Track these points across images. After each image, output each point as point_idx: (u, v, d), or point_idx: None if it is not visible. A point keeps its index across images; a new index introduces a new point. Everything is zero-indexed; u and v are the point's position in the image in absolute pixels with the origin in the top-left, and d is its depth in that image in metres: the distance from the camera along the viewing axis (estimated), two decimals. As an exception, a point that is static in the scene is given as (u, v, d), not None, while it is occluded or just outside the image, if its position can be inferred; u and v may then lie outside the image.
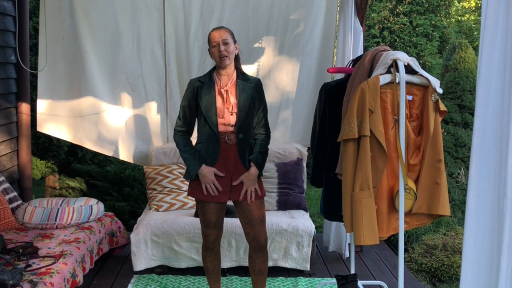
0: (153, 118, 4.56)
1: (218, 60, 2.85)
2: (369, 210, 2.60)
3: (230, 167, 2.89)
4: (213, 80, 2.91)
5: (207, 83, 2.90)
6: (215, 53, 2.85)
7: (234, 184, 2.88)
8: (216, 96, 2.87)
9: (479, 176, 1.88)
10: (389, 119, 2.69)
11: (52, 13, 4.22)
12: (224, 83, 2.90)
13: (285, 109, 4.57)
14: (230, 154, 2.88)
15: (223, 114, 2.86)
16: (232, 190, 2.91)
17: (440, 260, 4.36)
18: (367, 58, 2.85)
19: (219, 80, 2.91)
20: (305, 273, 3.85)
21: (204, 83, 2.91)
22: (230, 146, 2.88)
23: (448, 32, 10.11)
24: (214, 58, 2.87)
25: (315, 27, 4.40)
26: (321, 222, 5.53)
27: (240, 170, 2.90)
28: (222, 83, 2.90)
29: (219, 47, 2.82)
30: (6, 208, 3.53)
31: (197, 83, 2.91)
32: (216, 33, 2.85)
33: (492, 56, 1.83)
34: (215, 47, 2.84)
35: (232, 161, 2.89)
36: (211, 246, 3.03)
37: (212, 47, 2.85)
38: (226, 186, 2.90)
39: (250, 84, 2.92)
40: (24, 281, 2.69)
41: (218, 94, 2.88)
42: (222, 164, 2.88)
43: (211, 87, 2.89)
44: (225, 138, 2.87)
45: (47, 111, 4.35)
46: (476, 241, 1.90)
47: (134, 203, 5.85)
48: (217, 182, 2.85)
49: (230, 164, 2.89)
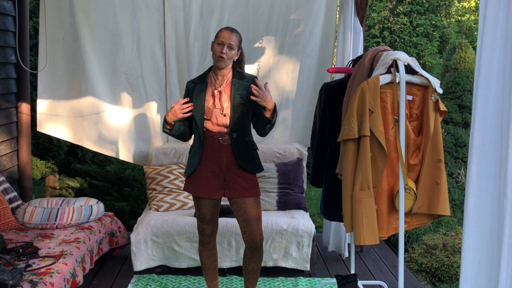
0: (153, 118, 4.56)
1: (216, 59, 2.86)
2: (369, 210, 2.60)
3: (223, 166, 2.91)
4: (206, 81, 2.93)
5: (200, 84, 2.93)
6: (217, 50, 2.85)
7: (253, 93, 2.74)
8: (207, 97, 2.89)
9: (479, 176, 1.88)
10: (389, 119, 2.69)
11: (52, 13, 4.22)
12: (219, 83, 2.91)
13: (285, 109, 4.57)
14: (222, 154, 2.90)
15: (211, 115, 2.87)
16: (226, 188, 2.93)
17: (440, 260, 4.36)
18: (367, 58, 2.85)
19: (214, 80, 2.93)
20: (305, 273, 3.85)
21: (197, 84, 2.93)
22: (223, 146, 2.90)
23: (448, 32, 10.11)
24: (213, 55, 2.88)
25: (315, 27, 4.40)
26: (321, 222, 5.53)
27: (233, 169, 2.92)
28: (217, 83, 2.92)
29: (222, 48, 2.82)
30: (6, 208, 3.53)
31: (191, 85, 2.95)
32: (227, 33, 2.84)
33: (492, 56, 1.83)
34: (220, 45, 2.84)
35: (224, 160, 2.91)
36: (207, 240, 3.07)
37: (217, 44, 2.85)
38: (219, 183, 2.93)
39: (246, 83, 2.91)
40: (24, 281, 2.69)
41: (210, 95, 2.90)
42: (214, 162, 2.91)
43: (203, 88, 2.91)
44: (219, 139, 2.89)
45: (47, 111, 4.35)
46: (476, 241, 1.90)
47: (134, 203, 5.85)
48: (181, 106, 2.78)
49: (223, 164, 2.91)
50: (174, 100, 4.52)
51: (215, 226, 3.06)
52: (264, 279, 3.73)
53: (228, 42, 2.82)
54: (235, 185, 2.92)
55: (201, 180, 2.92)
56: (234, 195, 2.92)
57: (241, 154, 2.92)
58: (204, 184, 2.92)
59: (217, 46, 2.85)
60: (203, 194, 2.92)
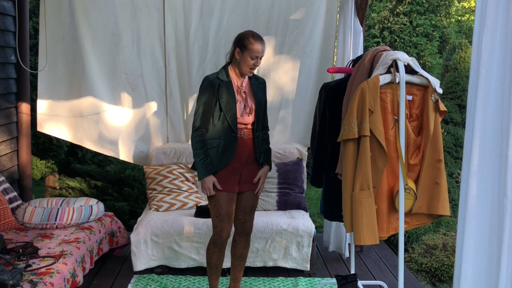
0: (153, 118, 4.56)
1: (247, 70, 2.96)
2: (369, 210, 2.60)
3: (244, 160, 3.05)
4: (230, 78, 3.01)
5: (226, 81, 2.99)
6: (249, 63, 2.93)
7: (254, 182, 3.12)
8: (236, 95, 2.98)
9: (479, 176, 1.88)
10: (389, 119, 2.69)
11: (52, 13, 4.22)
12: (240, 83, 3.02)
13: (285, 109, 4.57)
14: (245, 148, 3.05)
15: (241, 113, 2.99)
16: (241, 182, 3.08)
17: (440, 260, 4.36)
18: (367, 58, 2.85)
19: (235, 79, 3.02)
20: (305, 273, 3.85)
21: (223, 81, 2.98)
22: (245, 141, 3.03)
23: (448, 32, 10.11)
24: (245, 65, 2.94)
25: (315, 27, 4.40)
26: (321, 222, 5.53)
27: (251, 163, 3.09)
28: (238, 82, 3.02)
29: (257, 61, 2.94)
30: (6, 208, 3.53)
31: (217, 81, 2.98)
32: (261, 46, 2.93)
33: (492, 56, 1.83)
34: (254, 60, 2.92)
35: (246, 155, 3.05)
36: (222, 242, 3.10)
37: (250, 58, 2.91)
38: (236, 178, 3.06)
39: (260, 85, 3.12)
40: (24, 281, 2.69)
41: (237, 94, 2.99)
42: (237, 158, 3.03)
43: (230, 86, 2.99)
44: (242, 133, 3.02)
45: (47, 111, 4.35)
46: (476, 241, 1.90)
47: (134, 203, 5.85)
48: (213, 189, 2.98)
49: (244, 158, 3.05)
50: (174, 100, 4.52)
51: (231, 225, 3.11)
52: (264, 279, 3.73)
53: (261, 55, 2.94)
54: (247, 178, 3.09)
55: (224, 175, 3.01)
56: (244, 188, 3.10)
57: (258, 148, 3.09)
58: (227, 180, 3.02)
59: (251, 60, 2.92)
60: (225, 188, 3.01)
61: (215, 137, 2.98)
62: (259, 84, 3.11)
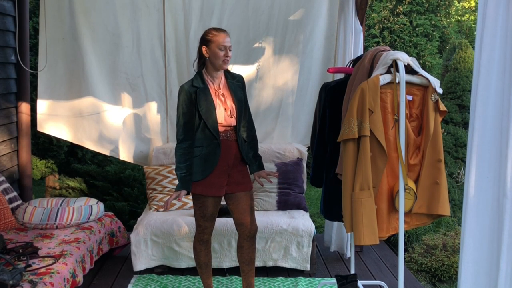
0: (153, 118, 4.56)
1: (221, 63, 2.90)
2: (369, 210, 2.60)
3: (230, 162, 3.01)
4: (206, 84, 2.95)
5: (202, 88, 2.93)
6: (219, 55, 2.88)
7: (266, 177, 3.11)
8: (215, 100, 2.93)
9: (479, 176, 1.88)
10: (389, 119, 2.69)
11: (52, 13, 4.22)
12: (216, 86, 2.98)
13: (285, 109, 4.56)
14: (231, 150, 3.00)
15: (222, 118, 2.94)
16: (231, 184, 3.02)
17: (440, 260, 4.36)
18: (367, 58, 2.85)
19: (212, 83, 2.98)
20: (305, 273, 3.85)
21: (199, 88, 2.93)
22: (230, 143, 3.00)
23: (448, 32, 10.11)
24: (216, 59, 2.90)
25: (315, 27, 4.40)
26: (321, 222, 5.53)
27: (238, 164, 3.05)
28: (215, 85, 2.98)
29: (226, 51, 2.89)
30: (6, 208, 3.53)
31: (192, 89, 2.93)
32: (226, 36, 2.90)
33: (492, 56, 1.83)
34: (223, 50, 2.88)
35: (233, 157, 3.01)
36: (207, 238, 3.12)
37: (219, 49, 2.88)
38: (225, 180, 3.02)
39: (238, 83, 3.07)
40: (24, 281, 2.69)
41: (215, 98, 2.94)
42: (224, 161, 2.98)
43: (207, 91, 2.93)
44: (227, 135, 2.98)
45: (47, 111, 4.35)
46: (475, 241, 1.90)
47: (134, 203, 5.85)
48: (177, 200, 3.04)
49: (231, 160, 3.01)
50: (174, 100, 4.51)
51: (214, 223, 3.13)
52: (264, 279, 3.73)
53: (229, 45, 2.90)
54: (236, 180, 3.04)
55: (212, 180, 2.97)
56: (235, 189, 3.03)
57: (243, 148, 3.05)
58: (214, 183, 2.98)
59: (219, 51, 2.87)
60: (213, 193, 2.98)
61: (197, 145, 2.95)
62: (237, 82, 3.05)
